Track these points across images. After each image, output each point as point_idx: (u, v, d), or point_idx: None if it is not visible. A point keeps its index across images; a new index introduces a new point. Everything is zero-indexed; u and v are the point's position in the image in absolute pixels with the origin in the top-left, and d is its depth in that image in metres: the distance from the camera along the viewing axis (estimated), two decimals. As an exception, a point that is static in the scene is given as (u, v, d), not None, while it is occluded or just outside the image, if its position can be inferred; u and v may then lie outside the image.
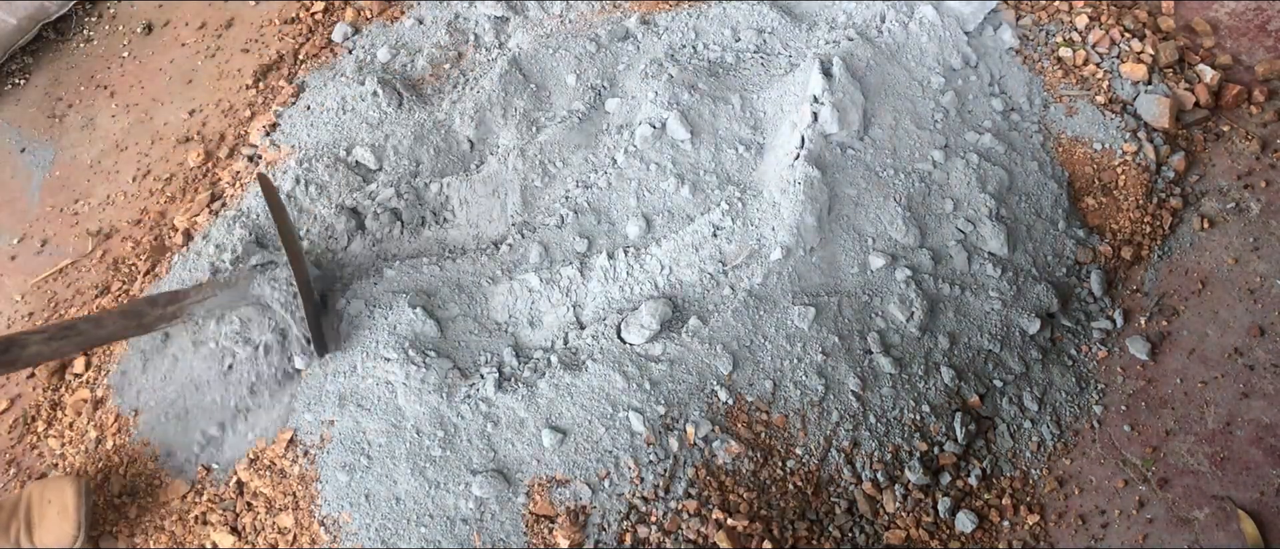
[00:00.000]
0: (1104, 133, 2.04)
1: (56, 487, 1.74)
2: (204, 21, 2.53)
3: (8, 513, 1.72)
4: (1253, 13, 2.17)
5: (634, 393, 1.70)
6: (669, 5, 2.29)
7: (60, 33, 2.59)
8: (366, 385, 1.76)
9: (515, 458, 1.69)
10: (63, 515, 1.71)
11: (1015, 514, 1.74)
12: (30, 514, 1.72)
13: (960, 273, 1.86)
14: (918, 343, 1.81)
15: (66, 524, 1.70)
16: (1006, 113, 2.06)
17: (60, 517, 1.71)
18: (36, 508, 1.72)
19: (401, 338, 1.79)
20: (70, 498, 1.72)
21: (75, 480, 1.74)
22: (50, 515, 1.71)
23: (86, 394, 1.95)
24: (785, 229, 1.81)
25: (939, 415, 1.78)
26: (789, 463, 1.71)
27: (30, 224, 2.28)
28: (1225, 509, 1.70)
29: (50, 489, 1.74)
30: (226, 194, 2.15)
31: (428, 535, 1.64)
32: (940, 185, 1.93)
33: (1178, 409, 1.82)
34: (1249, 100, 2.09)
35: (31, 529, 1.70)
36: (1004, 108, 2.06)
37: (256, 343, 1.79)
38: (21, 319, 2.14)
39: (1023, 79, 2.11)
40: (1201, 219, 1.99)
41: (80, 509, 1.72)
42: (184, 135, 2.33)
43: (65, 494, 1.73)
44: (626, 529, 1.63)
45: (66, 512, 1.71)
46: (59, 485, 1.74)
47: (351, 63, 2.31)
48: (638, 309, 1.78)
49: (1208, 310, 1.90)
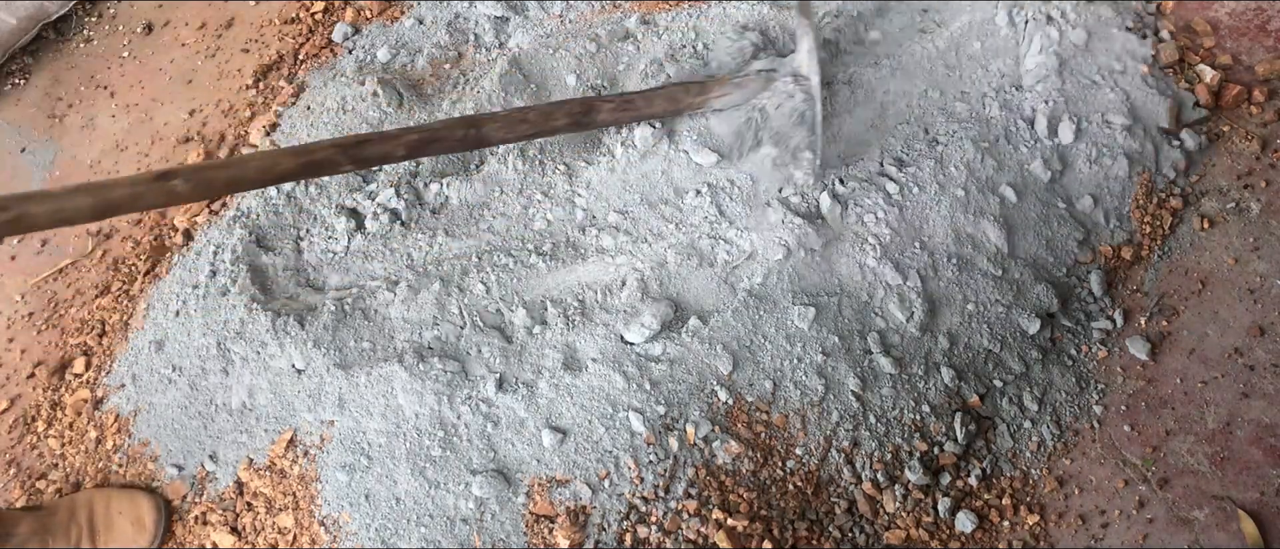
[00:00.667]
0: (1104, 133, 2.04)
1: (129, 500, 1.70)
2: (204, 21, 2.53)
3: (64, 517, 1.68)
4: (1253, 13, 2.17)
5: (634, 393, 1.70)
6: (669, 5, 2.29)
7: (60, 33, 2.59)
8: (366, 385, 1.76)
9: (515, 458, 1.69)
10: (139, 528, 1.67)
11: (1015, 514, 1.74)
12: (93, 521, 1.68)
13: (960, 273, 1.86)
14: (918, 343, 1.81)
15: (141, 537, 1.67)
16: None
17: (135, 529, 1.67)
18: (102, 517, 1.68)
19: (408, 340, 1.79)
20: (147, 512, 1.69)
21: (151, 495, 1.71)
22: (121, 526, 1.67)
23: (86, 394, 1.95)
24: (785, 228, 1.81)
25: (939, 415, 1.78)
26: (789, 463, 1.71)
27: (30, 224, 2.28)
28: (1225, 509, 1.70)
29: (119, 500, 1.70)
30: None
31: (428, 535, 1.64)
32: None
33: (1178, 409, 1.82)
34: (1249, 100, 2.09)
35: (97, 537, 1.66)
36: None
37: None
38: (21, 319, 2.14)
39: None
40: (1201, 219, 1.99)
41: (159, 523, 1.69)
42: (184, 135, 2.33)
43: (140, 507, 1.69)
44: (626, 529, 1.63)
45: (143, 525, 1.67)
46: (132, 499, 1.70)
47: (351, 63, 2.31)
48: (638, 310, 1.78)
49: (1208, 310, 1.90)
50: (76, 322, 2.10)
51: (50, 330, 2.11)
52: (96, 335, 2.05)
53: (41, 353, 2.08)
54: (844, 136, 1.98)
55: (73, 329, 2.09)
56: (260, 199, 2.03)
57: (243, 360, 1.83)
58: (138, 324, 1.99)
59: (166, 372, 1.89)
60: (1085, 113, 1.99)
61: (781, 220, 1.82)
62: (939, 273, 1.84)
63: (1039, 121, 1.97)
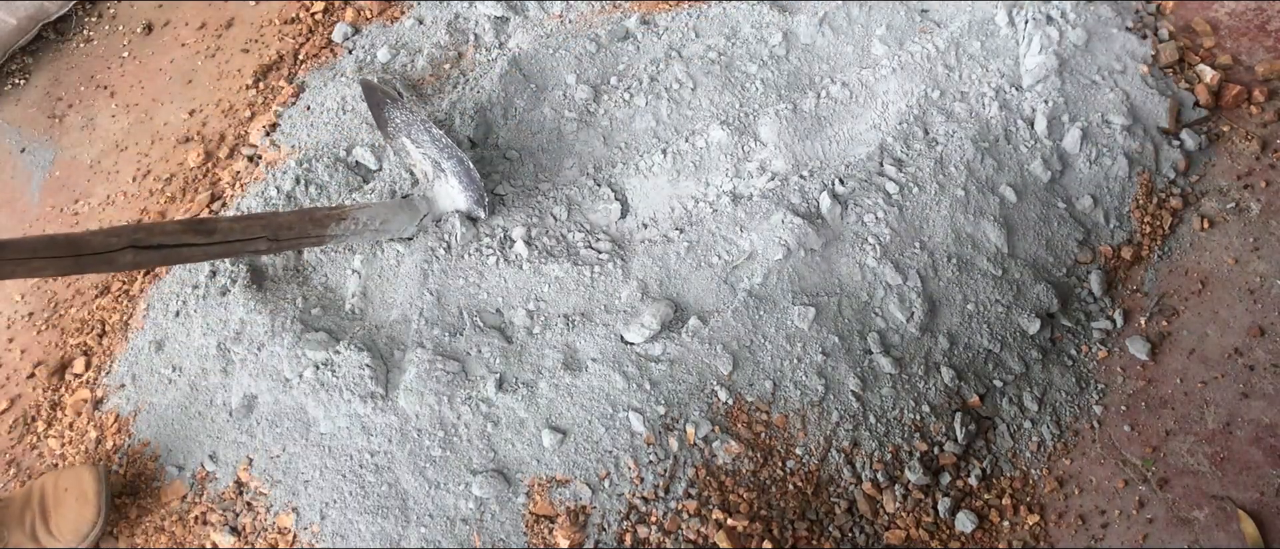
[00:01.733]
0: (1104, 133, 2.04)
1: (72, 475, 1.70)
2: (204, 21, 2.53)
3: (20, 506, 1.68)
4: (1253, 13, 2.17)
5: (634, 393, 1.70)
6: (669, 5, 2.29)
7: (60, 33, 2.59)
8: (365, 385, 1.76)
9: (515, 458, 1.69)
10: (82, 501, 1.66)
11: (1015, 514, 1.74)
12: (45, 504, 1.68)
13: (960, 273, 1.86)
14: (918, 343, 1.81)
15: (87, 510, 1.66)
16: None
17: (79, 502, 1.66)
18: (52, 497, 1.68)
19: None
20: (89, 483, 1.68)
21: (92, 466, 1.70)
22: (67, 502, 1.66)
23: (86, 394, 1.95)
24: (785, 228, 1.81)
25: (939, 415, 1.78)
26: (789, 463, 1.71)
27: (30, 224, 2.28)
28: (1225, 509, 1.70)
29: (65, 477, 1.70)
30: (226, 194, 2.15)
31: (428, 535, 1.64)
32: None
33: (1178, 409, 1.82)
34: (1249, 100, 2.09)
35: (48, 519, 1.66)
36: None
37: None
38: (21, 319, 2.14)
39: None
40: (1201, 219, 1.99)
41: (100, 495, 1.67)
42: (184, 135, 2.33)
43: (83, 480, 1.68)
44: (626, 529, 1.63)
45: (86, 497, 1.66)
46: (75, 473, 1.70)
47: (351, 63, 2.31)
48: (638, 310, 1.78)
49: (1208, 310, 1.90)
50: (76, 321, 2.10)
51: (50, 330, 2.11)
52: (96, 335, 2.05)
53: (41, 353, 2.08)
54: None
55: (73, 329, 2.09)
56: (260, 200, 2.03)
57: (242, 361, 1.83)
58: (138, 324, 1.99)
59: (166, 372, 1.89)
60: (1085, 113, 1.99)
61: (782, 220, 1.82)
62: (939, 273, 1.84)
63: (1039, 121, 1.97)
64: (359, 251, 1.95)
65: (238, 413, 1.81)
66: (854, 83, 2.07)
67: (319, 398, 1.76)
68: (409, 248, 1.92)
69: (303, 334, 1.81)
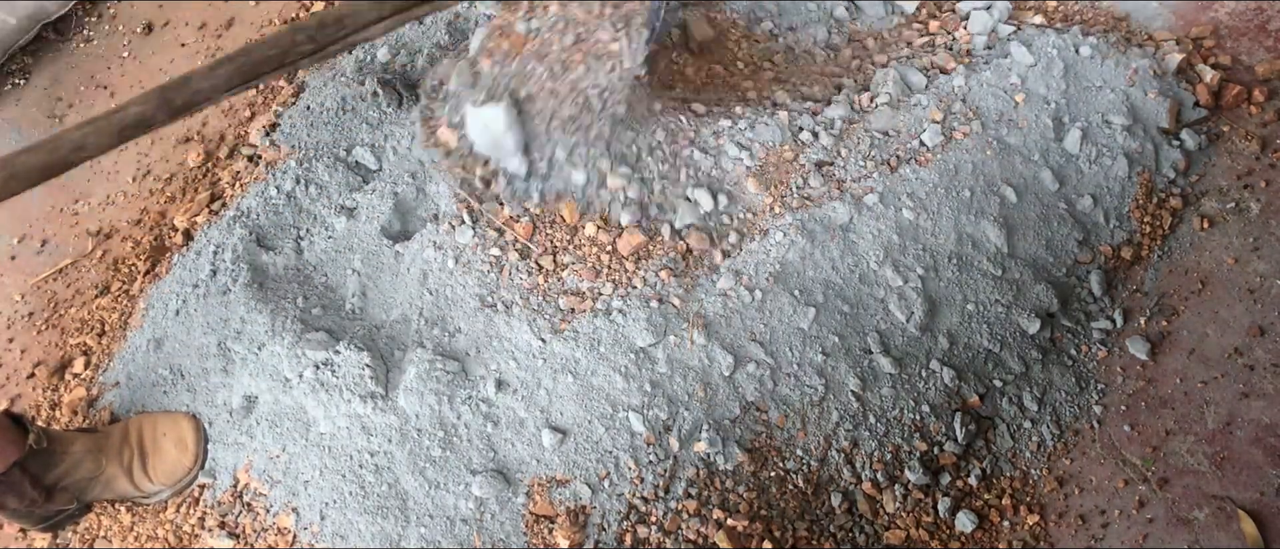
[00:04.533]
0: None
1: (170, 421, 1.80)
2: (204, 21, 2.53)
3: (118, 442, 1.76)
4: (1253, 13, 2.17)
5: (634, 393, 1.70)
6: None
7: (60, 33, 2.59)
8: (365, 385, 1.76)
9: (515, 458, 1.69)
10: (181, 448, 1.77)
11: (1015, 514, 1.74)
12: (143, 444, 1.77)
13: (961, 272, 1.86)
14: (918, 343, 1.81)
15: (185, 458, 1.77)
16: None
17: (178, 449, 1.77)
18: (150, 439, 1.77)
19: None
20: (188, 432, 1.78)
21: (191, 417, 1.81)
22: (166, 448, 1.77)
23: (82, 393, 1.95)
24: (785, 228, 1.81)
25: (939, 415, 1.78)
26: (789, 463, 1.71)
27: (30, 224, 2.29)
28: (1225, 509, 1.70)
29: (163, 422, 1.80)
30: (226, 194, 2.15)
31: (427, 535, 1.64)
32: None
33: (1178, 409, 1.82)
34: (1249, 100, 2.09)
35: (145, 459, 1.76)
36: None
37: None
38: (21, 319, 2.14)
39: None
40: (1201, 219, 1.99)
41: (199, 443, 1.79)
42: (184, 135, 2.33)
43: (181, 427, 1.79)
44: (626, 529, 1.63)
45: (185, 445, 1.77)
46: (173, 420, 1.80)
47: (351, 63, 2.31)
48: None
49: (1208, 310, 1.90)
50: (76, 321, 2.10)
51: (50, 330, 2.11)
52: (96, 335, 2.04)
53: (41, 353, 2.08)
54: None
55: (72, 329, 2.09)
56: (260, 199, 2.03)
57: (242, 360, 1.83)
58: (137, 323, 1.99)
59: (165, 372, 1.89)
60: (1085, 113, 1.99)
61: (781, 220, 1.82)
62: (939, 273, 1.84)
63: (1040, 122, 1.97)
64: (359, 252, 1.95)
65: (237, 413, 1.81)
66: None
67: (319, 398, 1.75)
68: (409, 247, 1.92)
69: (303, 334, 1.81)
